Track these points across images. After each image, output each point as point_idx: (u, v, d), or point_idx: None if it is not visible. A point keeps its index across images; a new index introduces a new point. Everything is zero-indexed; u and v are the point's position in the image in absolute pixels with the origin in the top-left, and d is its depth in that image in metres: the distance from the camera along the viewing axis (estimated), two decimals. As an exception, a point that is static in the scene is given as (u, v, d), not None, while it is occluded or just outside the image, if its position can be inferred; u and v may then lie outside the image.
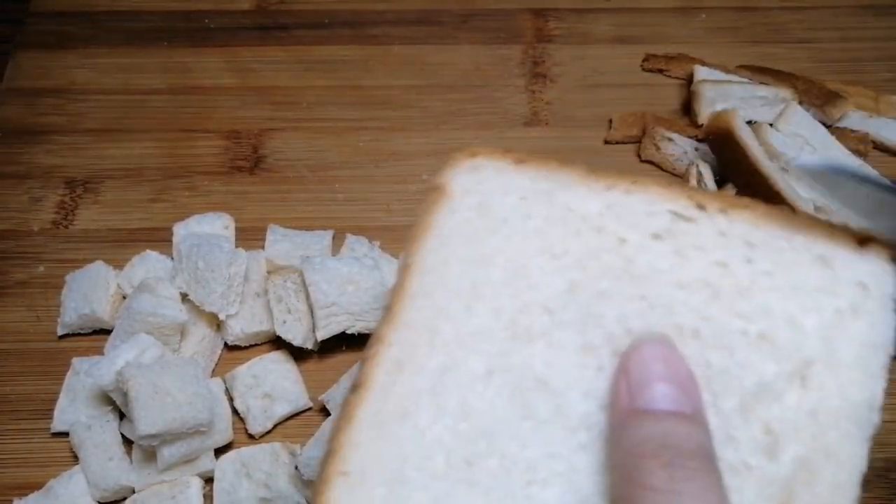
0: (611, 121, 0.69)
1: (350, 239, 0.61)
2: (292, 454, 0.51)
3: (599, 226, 0.32)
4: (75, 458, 0.52)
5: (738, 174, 0.63)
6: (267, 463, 0.50)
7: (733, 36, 0.76)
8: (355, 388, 0.30)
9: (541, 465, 0.28)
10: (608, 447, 0.28)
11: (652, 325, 0.30)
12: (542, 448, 0.28)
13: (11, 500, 0.50)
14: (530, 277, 0.31)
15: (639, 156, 0.68)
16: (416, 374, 0.30)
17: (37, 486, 0.51)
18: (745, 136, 0.61)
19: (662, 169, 0.67)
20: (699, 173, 0.61)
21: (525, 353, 0.30)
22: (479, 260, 0.32)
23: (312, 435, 0.50)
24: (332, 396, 0.54)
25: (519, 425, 0.29)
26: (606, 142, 0.69)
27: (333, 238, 0.62)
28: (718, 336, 0.30)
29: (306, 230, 0.61)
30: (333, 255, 0.61)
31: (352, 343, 0.56)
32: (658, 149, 0.67)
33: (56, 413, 0.54)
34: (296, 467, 0.48)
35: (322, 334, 0.54)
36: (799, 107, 0.66)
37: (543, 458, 0.28)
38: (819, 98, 0.68)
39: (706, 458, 0.26)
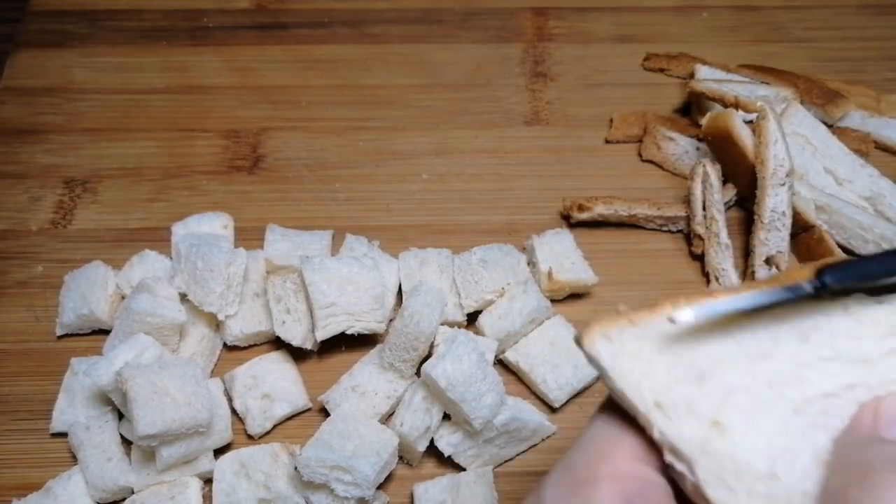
0: (612, 120, 0.69)
1: (349, 239, 0.61)
2: (292, 454, 0.51)
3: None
4: (74, 459, 0.52)
5: (738, 174, 0.63)
6: (266, 463, 0.50)
7: (734, 35, 0.76)
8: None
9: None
10: (837, 451, 0.30)
11: None
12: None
13: (10, 501, 0.50)
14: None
15: (640, 155, 0.68)
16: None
17: (36, 486, 0.51)
18: (744, 137, 0.61)
19: (663, 168, 0.67)
20: (705, 173, 0.61)
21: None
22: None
23: (312, 435, 0.50)
24: (332, 396, 0.53)
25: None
26: (607, 141, 0.69)
27: (333, 238, 0.61)
28: None
29: (306, 230, 0.61)
30: (333, 254, 0.61)
31: (351, 343, 0.56)
32: (659, 148, 0.67)
33: (55, 413, 0.53)
34: (295, 468, 0.48)
35: (322, 334, 0.54)
36: (800, 106, 0.66)
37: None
38: (820, 97, 0.68)
39: None
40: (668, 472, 0.31)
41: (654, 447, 0.30)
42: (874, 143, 0.68)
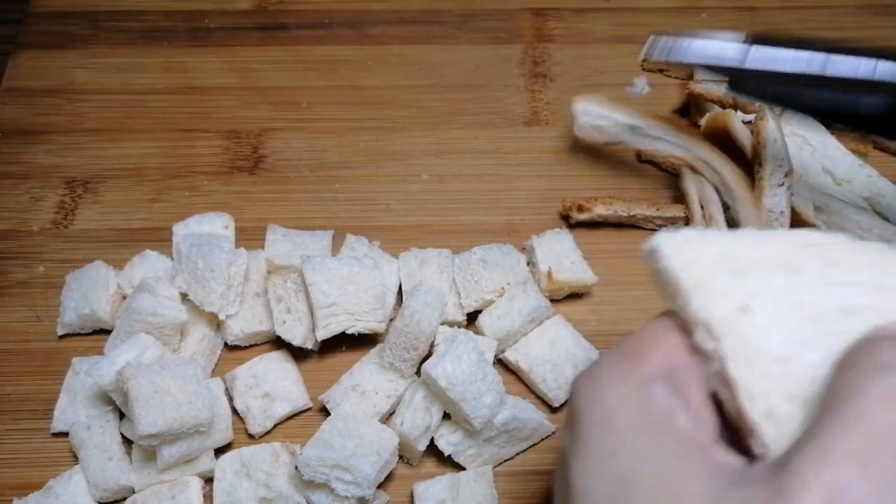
0: None
1: (350, 239, 0.61)
2: (292, 454, 0.51)
3: None
4: (75, 458, 0.52)
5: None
6: (267, 463, 0.50)
7: (733, 36, 0.76)
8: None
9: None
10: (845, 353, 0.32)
11: None
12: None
13: (11, 500, 0.50)
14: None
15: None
16: None
17: (37, 486, 0.51)
18: (742, 137, 0.61)
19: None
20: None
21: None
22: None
23: (312, 435, 0.50)
24: (332, 396, 0.54)
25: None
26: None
27: (333, 238, 0.62)
28: None
29: (306, 230, 0.61)
30: (333, 255, 0.61)
31: (352, 343, 0.56)
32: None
33: (56, 413, 0.54)
34: (296, 467, 0.48)
35: (322, 334, 0.54)
36: None
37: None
38: None
39: None
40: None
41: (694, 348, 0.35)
42: (873, 144, 0.68)
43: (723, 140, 0.62)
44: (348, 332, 0.55)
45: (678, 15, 0.78)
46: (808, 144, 0.64)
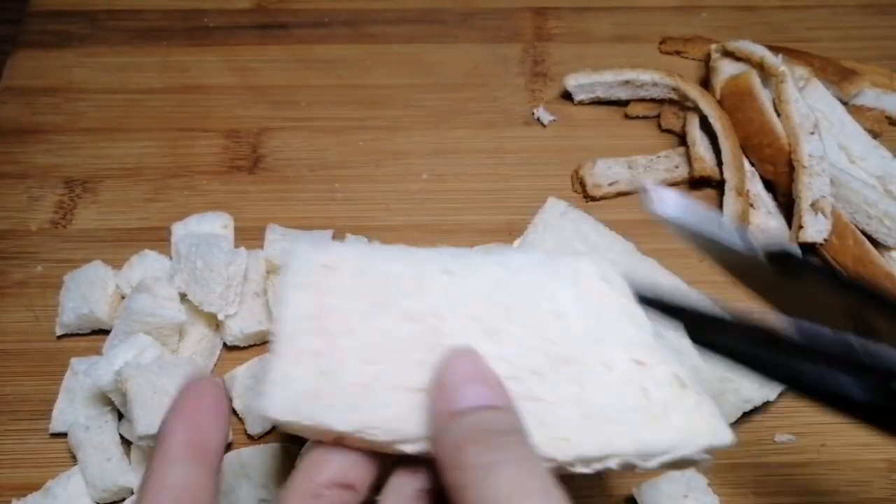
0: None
1: (350, 238, 0.61)
2: (291, 455, 0.51)
3: None
4: (74, 459, 0.52)
5: (752, 136, 0.64)
6: (266, 464, 0.50)
7: (734, 35, 0.75)
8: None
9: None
10: (434, 449, 0.32)
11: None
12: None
13: (10, 501, 0.50)
14: None
15: (659, 126, 0.69)
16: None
17: (35, 486, 0.51)
18: (762, 94, 0.64)
19: (683, 139, 0.68)
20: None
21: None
22: None
23: (312, 435, 0.50)
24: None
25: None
26: (627, 116, 0.70)
27: (333, 237, 0.61)
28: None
29: (306, 230, 0.61)
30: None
31: (351, 343, 0.56)
32: (679, 118, 0.68)
33: (54, 413, 0.53)
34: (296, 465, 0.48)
35: (322, 334, 0.54)
36: (819, 83, 0.67)
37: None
38: (835, 75, 0.69)
39: (519, 434, 0.30)
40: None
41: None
42: (888, 120, 0.69)
43: (742, 99, 0.64)
44: (348, 332, 0.54)
45: (678, 14, 0.78)
46: (826, 120, 0.66)
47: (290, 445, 0.51)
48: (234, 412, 0.54)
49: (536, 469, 0.29)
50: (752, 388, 0.51)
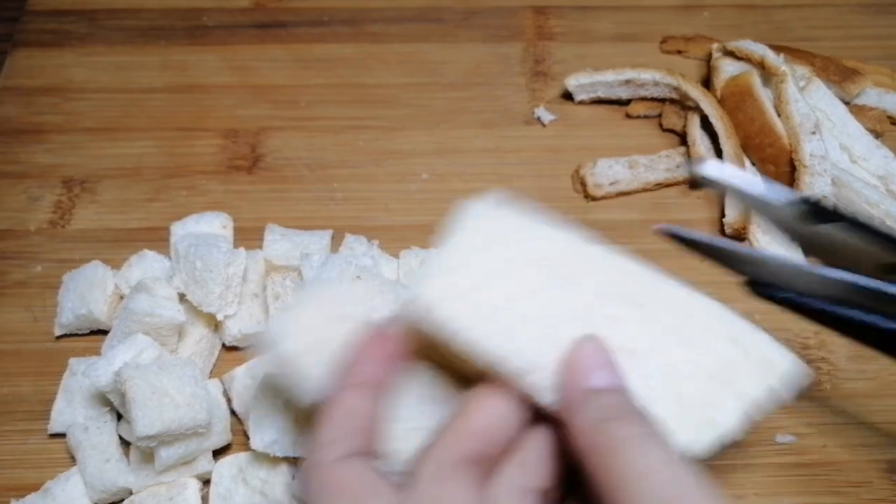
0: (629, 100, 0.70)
1: (349, 238, 0.60)
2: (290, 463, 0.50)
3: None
4: (72, 460, 0.52)
5: (753, 136, 0.64)
6: (264, 470, 0.50)
7: (736, 34, 0.75)
8: None
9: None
10: (570, 418, 0.35)
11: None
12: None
13: (8, 502, 0.50)
14: None
15: (660, 125, 0.69)
16: None
17: (33, 487, 0.50)
18: (762, 94, 0.64)
19: (683, 138, 0.68)
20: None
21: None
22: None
23: (311, 436, 0.50)
24: (331, 397, 0.53)
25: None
26: (628, 115, 0.70)
27: (332, 237, 0.61)
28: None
29: (305, 230, 0.61)
30: (332, 254, 0.60)
31: (351, 343, 0.56)
32: (680, 117, 0.68)
33: (53, 414, 0.53)
34: (293, 476, 0.48)
35: (321, 335, 0.54)
36: (821, 82, 0.67)
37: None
38: (837, 74, 0.69)
39: (647, 415, 0.34)
40: None
41: None
42: (890, 120, 0.69)
43: (742, 99, 0.64)
44: (347, 332, 0.54)
45: (680, 13, 0.78)
46: (828, 120, 0.65)
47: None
48: (233, 413, 0.54)
49: (670, 443, 0.33)
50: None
